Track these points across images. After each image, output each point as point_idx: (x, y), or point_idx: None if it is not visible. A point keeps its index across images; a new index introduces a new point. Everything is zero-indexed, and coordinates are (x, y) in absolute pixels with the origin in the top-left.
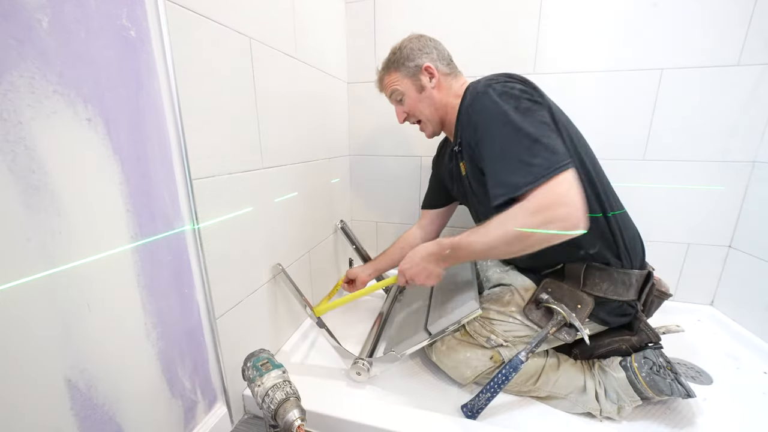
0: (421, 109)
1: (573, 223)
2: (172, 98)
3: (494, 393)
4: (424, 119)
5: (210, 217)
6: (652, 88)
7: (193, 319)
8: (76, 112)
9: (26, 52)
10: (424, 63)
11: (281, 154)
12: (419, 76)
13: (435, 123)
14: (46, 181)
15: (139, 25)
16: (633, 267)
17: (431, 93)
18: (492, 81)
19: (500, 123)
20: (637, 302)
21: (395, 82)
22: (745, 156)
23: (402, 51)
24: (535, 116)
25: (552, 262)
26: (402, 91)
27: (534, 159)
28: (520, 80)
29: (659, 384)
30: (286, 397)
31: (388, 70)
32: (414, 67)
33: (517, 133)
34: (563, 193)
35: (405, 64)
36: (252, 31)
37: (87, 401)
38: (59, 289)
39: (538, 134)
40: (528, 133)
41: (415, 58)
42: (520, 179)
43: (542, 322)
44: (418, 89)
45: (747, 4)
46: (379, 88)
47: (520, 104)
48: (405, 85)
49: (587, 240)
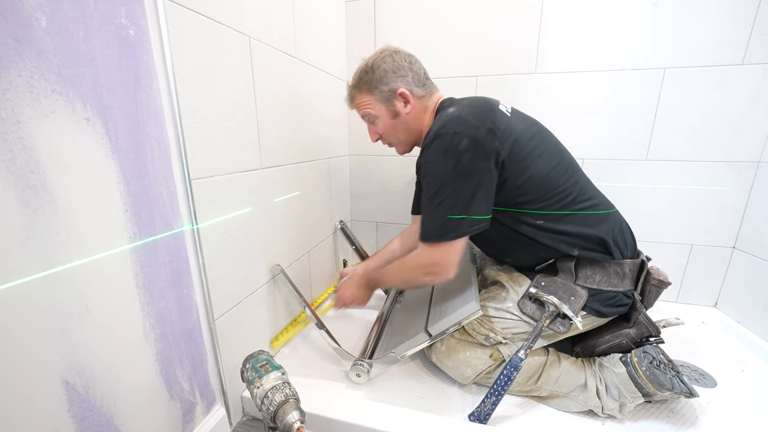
0: (395, 134)
1: (443, 277)
2: (171, 97)
3: (500, 396)
4: (397, 143)
5: (209, 218)
6: (655, 87)
7: (192, 320)
8: (74, 111)
9: (25, 51)
10: (399, 88)
11: (281, 154)
12: (393, 101)
13: (408, 144)
14: (44, 180)
15: (137, 24)
16: (624, 257)
17: (405, 119)
18: (442, 131)
19: (434, 180)
20: (634, 292)
21: (367, 104)
22: (749, 156)
23: (375, 72)
24: (469, 178)
25: (541, 260)
26: (375, 115)
27: (444, 223)
28: (473, 126)
29: (659, 378)
30: (286, 398)
31: (360, 89)
32: (388, 91)
33: (443, 194)
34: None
35: (378, 87)
36: (251, 30)
37: (85, 403)
38: (57, 290)
39: (461, 198)
40: (451, 196)
41: (389, 81)
42: (428, 232)
43: (536, 314)
44: (391, 114)
45: (751, 3)
46: (350, 106)
47: (458, 163)
48: (378, 109)
49: (567, 243)
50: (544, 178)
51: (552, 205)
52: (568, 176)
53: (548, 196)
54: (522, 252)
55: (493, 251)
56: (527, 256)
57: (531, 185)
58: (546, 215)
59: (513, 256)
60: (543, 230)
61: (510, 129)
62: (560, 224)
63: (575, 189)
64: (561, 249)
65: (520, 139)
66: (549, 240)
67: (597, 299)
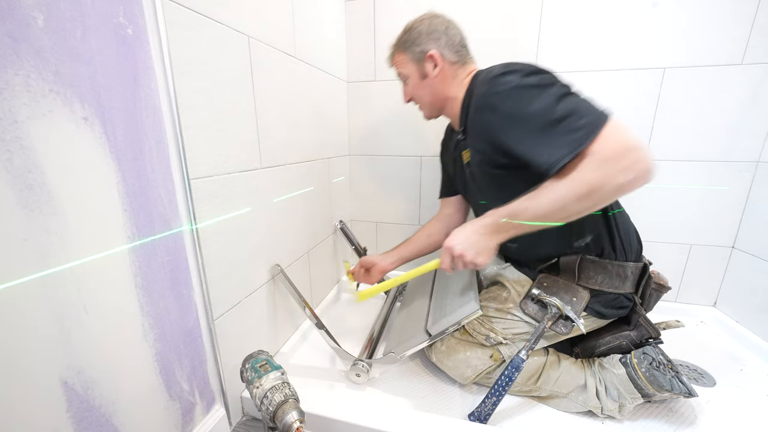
0: (422, 95)
1: (646, 167)
2: (170, 97)
3: (500, 396)
4: (422, 104)
5: (208, 218)
6: (654, 87)
7: (191, 320)
8: (72, 110)
9: (22, 50)
10: (430, 50)
11: (280, 154)
12: (423, 63)
13: (432, 109)
14: (42, 180)
15: (135, 23)
16: (628, 259)
17: (432, 82)
18: (506, 68)
19: (533, 93)
20: (635, 295)
21: (401, 64)
22: (748, 156)
23: (411, 33)
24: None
25: (546, 255)
26: (406, 74)
27: (583, 111)
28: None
29: (659, 379)
30: (285, 398)
31: (398, 49)
32: (419, 52)
33: (554, 96)
34: (627, 138)
35: (411, 48)
36: (251, 29)
37: (84, 403)
38: (55, 290)
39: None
40: (562, 93)
41: (422, 43)
42: (581, 134)
43: (539, 315)
44: (420, 75)
45: (750, 3)
46: (389, 65)
47: (543, 78)
48: (409, 69)
49: (581, 232)
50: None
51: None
52: None
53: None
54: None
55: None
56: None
57: None
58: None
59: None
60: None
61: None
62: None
63: None
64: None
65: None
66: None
67: (598, 301)
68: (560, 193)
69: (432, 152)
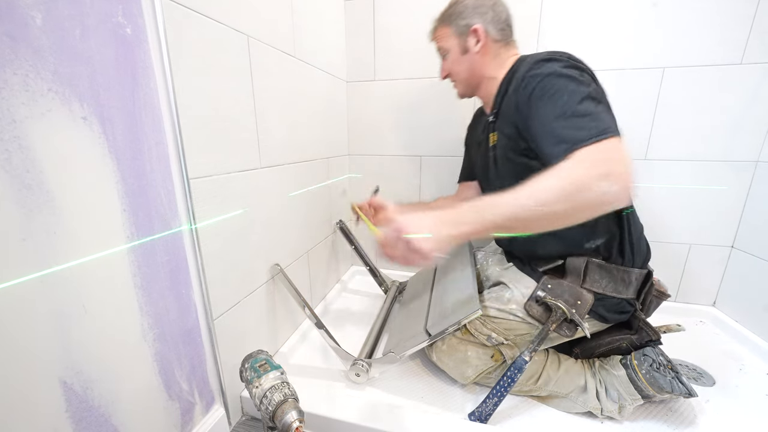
0: (459, 71)
1: (624, 185)
2: (169, 96)
3: (501, 397)
4: (459, 80)
5: (207, 217)
6: (654, 87)
7: (191, 320)
8: (71, 110)
9: (20, 50)
10: (474, 24)
11: (280, 154)
12: (466, 37)
13: (467, 86)
14: (41, 180)
15: (135, 23)
16: (634, 265)
17: (473, 57)
18: (554, 54)
19: (565, 83)
20: (636, 300)
21: (443, 37)
22: (748, 155)
23: (457, 6)
24: (595, 88)
25: (554, 254)
26: (447, 48)
27: (599, 117)
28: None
29: (659, 381)
30: (285, 398)
31: (442, 22)
32: (464, 25)
33: (582, 94)
34: (623, 155)
35: (456, 21)
36: (250, 29)
37: (83, 403)
38: (54, 290)
39: (601, 98)
40: (591, 95)
41: (467, 16)
42: (585, 133)
43: (543, 318)
44: (462, 50)
45: (750, 3)
46: (430, 38)
47: (581, 75)
48: (451, 43)
49: (594, 232)
50: None
51: None
52: None
53: None
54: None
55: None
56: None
57: None
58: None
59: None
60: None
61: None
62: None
63: None
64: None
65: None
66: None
67: (602, 305)
68: (546, 185)
69: (432, 152)
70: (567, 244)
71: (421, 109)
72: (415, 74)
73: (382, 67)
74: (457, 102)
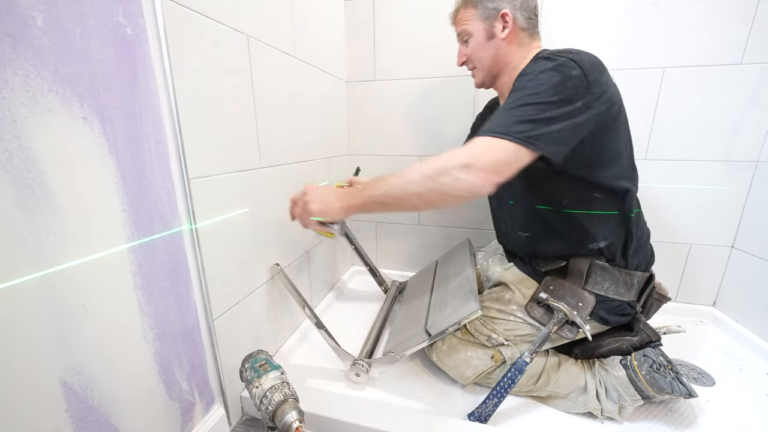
0: (482, 57)
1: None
2: (169, 96)
3: (501, 398)
4: (480, 67)
5: (207, 217)
6: (654, 87)
7: (191, 319)
8: (71, 110)
9: (21, 50)
10: (503, 9)
11: (279, 154)
12: (493, 22)
13: (489, 75)
14: (42, 180)
15: (135, 23)
16: (638, 269)
17: (499, 43)
18: (556, 55)
19: (529, 87)
20: (637, 303)
21: (467, 20)
22: (748, 155)
23: None
24: (561, 104)
25: (557, 254)
26: (471, 32)
27: (520, 120)
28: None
29: (660, 382)
30: (285, 398)
31: (466, 3)
32: (492, 9)
33: (533, 98)
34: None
35: (484, 2)
36: (250, 29)
37: (83, 403)
38: (55, 290)
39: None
40: (541, 101)
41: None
42: (491, 128)
43: (544, 319)
44: (487, 35)
45: (750, 3)
46: (451, 20)
47: (562, 84)
48: (476, 26)
49: (600, 233)
50: (617, 152)
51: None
52: (632, 167)
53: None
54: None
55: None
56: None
57: (606, 152)
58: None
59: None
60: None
61: (613, 91)
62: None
63: (634, 180)
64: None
65: (615, 104)
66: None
67: (603, 307)
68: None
69: (432, 152)
70: (571, 244)
71: (421, 108)
72: (415, 74)
73: (382, 67)
74: (457, 102)
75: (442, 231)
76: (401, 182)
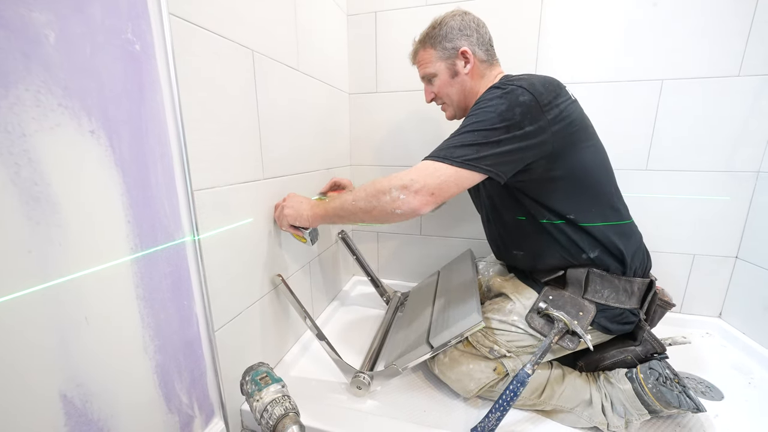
0: (450, 93)
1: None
2: (175, 110)
3: (504, 411)
4: (449, 102)
5: (210, 228)
6: (653, 98)
7: (192, 331)
8: (80, 124)
9: (33, 67)
10: (462, 47)
11: (282, 165)
12: (454, 60)
13: (459, 108)
14: (48, 192)
15: (143, 39)
16: (635, 274)
17: (463, 79)
18: (507, 83)
19: (475, 115)
20: (640, 310)
21: (429, 62)
22: (749, 166)
23: (442, 28)
24: (507, 129)
25: (553, 266)
26: (434, 73)
27: (459, 145)
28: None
29: (666, 395)
30: (285, 412)
31: (425, 45)
32: (451, 48)
33: (476, 126)
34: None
35: (442, 43)
36: (255, 44)
37: (82, 417)
38: (57, 302)
39: (486, 140)
40: (482, 128)
41: (454, 39)
42: (433, 152)
43: (545, 329)
44: (451, 73)
45: (746, 15)
46: (412, 61)
47: (508, 110)
48: (438, 67)
49: (591, 243)
50: (586, 172)
51: (585, 202)
52: (608, 179)
53: (585, 192)
54: (540, 246)
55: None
56: (539, 260)
57: (571, 175)
58: (578, 210)
59: (528, 250)
60: (571, 225)
61: (570, 109)
62: (589, 221)
63: (612, 192)
64: (582, 247)
65: (575, 123)
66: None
67: (605, 315)
68: (366, 186)
69: None
70: (565, 254)
71: (422, 120)
72: (416, 86)
73: (384, 79)
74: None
75: (445, 241)
76: (353, 198)
